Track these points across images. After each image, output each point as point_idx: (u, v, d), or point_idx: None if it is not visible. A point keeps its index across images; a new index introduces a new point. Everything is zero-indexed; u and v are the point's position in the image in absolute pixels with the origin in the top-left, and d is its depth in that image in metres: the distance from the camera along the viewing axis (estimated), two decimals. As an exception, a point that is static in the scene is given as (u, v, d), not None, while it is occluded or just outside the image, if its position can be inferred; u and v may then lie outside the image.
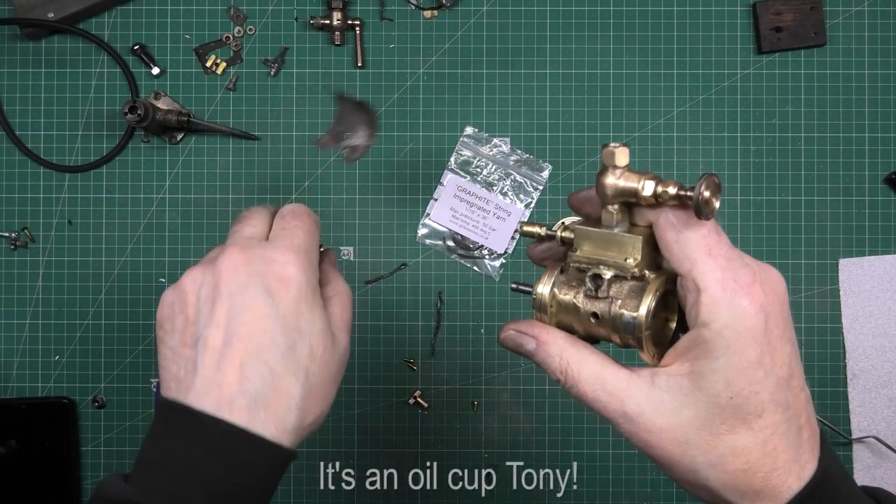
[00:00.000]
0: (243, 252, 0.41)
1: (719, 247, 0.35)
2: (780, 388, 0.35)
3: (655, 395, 0.36)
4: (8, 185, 0.85)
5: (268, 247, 0.42)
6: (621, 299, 0.37)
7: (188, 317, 0.41)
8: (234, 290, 0.40)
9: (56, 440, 0.84)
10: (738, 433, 0.35)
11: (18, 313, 0.85)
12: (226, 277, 0.40)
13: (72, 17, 0.83)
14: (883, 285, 0.85)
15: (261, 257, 0.41)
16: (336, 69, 0.85)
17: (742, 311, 0.34)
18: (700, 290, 0.35)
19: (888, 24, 0.85)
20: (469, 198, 0.85)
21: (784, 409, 0.35)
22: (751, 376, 0.34)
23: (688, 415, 0.35)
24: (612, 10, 0.85)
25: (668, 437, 0.36)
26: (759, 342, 0.34)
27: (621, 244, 0.37)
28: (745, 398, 0.34)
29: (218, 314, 0.40)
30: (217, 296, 0.40)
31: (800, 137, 0.85)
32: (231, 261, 0.41)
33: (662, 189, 0.35)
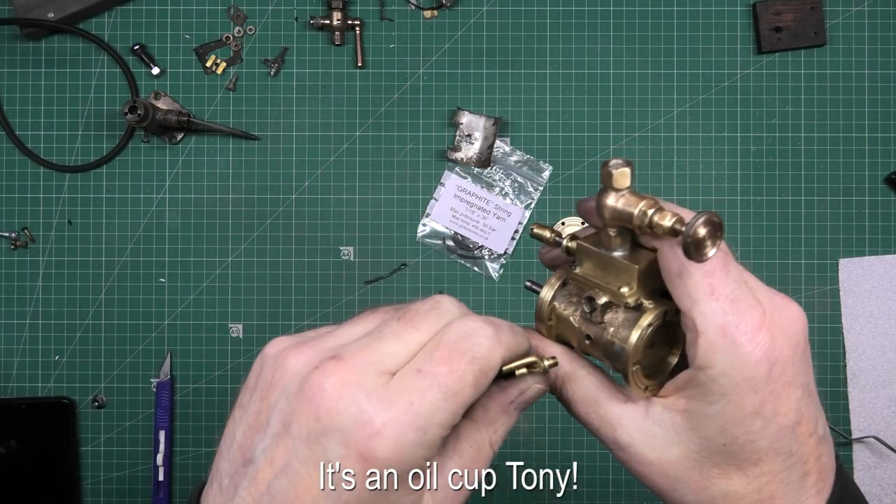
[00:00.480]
0: (349, 385, 0.28)
1: (725, 285, 0.32)
2: (782, 436, 0.32)
3: (647, 427, 0.34)
4: (8, 185, 0.85)
5: (376, 395, 0.28)
6: (614, 327, 0.34)
7: (259, 411, 0.31)
8: (306, 433, 0.28)
9: (56, 440, 0.84)
10: (731, 478, 0.33)
11: (18, 313, 0.85)
12: (307, 407, 0.29)
13: (72, 17, 0.83)
14: (883, 285, 0.85)
15: (356, 408, 0.28)
16: (336, 69, 0.85)
17: (741, 359, 0.31)
18: (698, 332, 0.32)
19: (888, 24, 0.85)
20: (469, 198, 0.85)
21: (785, 458, 0.33)
22: (747, 426, 0.32)
23: (679, 453, 0.34)
24: (612, 10, 0.85)
25: (658, 471, 0.34)
26: (759, 392, 0.32)
27: (618, 270, 0.34)
28: (739, 446, 0.32)
29: (279, 449, 0.29)
30: (291, 421, 0.29)
31: (800, 137, 0.85)
32: (328, 387, 0.28)
33: (658, 220, 0.32)
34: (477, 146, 0.84)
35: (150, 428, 0.85)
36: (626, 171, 0.33)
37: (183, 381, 0.85)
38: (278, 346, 0.31)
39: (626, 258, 0.34)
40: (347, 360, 0.29)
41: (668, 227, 0.31)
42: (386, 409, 0.28)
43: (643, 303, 0.34)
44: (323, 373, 0.29)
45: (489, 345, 0.30)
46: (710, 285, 0.32)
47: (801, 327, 0.33)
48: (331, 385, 0.28)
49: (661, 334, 0.35)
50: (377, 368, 0.29)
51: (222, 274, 0.85)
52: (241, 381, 0.33)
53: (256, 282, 0.85)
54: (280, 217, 0.85)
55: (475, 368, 0.29)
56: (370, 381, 0.29)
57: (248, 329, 0.85)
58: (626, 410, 0.35)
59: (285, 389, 0.30)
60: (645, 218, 0.32)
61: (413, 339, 0.30)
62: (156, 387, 0.85)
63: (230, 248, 0.85)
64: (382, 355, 0.30)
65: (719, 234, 0.31)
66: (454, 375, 0.29)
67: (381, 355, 0.30)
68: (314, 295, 0.85)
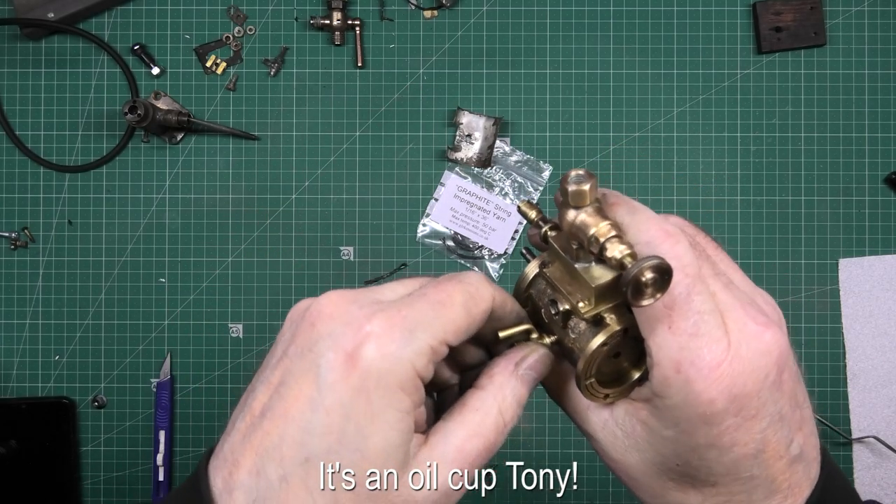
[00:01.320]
0: (345, 300, 0.30)
1: (685, 318, 0.30)
2: (742, 463, 0.31)
3: (610, 429, 0.34)
4: (8, 185, 0.85)
5: (368, 307, 0.30)
6: (576, 335, 0.33)
7: (272, 354, 0.32)
8: (302, 346, 0.30)
9: (56, 440, 0.84)
10: (686, 493, 0.33)
11: (18, 313, 0.85)
12: (305, 326, 0.30)
13: (72, 17, 0.83)
14: (883, 285, 0.85)
15: (348, 316, 0.29)
16: (336, 69, 0.85)
17: (695, 397, 0.30)
18: (654, 362, 0.31)
19: (888, 24, 0.85)
20: (469, 198, 0.85)
21: (745, 482, 0.32)
22: (701, 455, 0.31)
23: (637, 458, 0.33)
24: (612, 10, 0.85)
25: (619, 468, 0.34)
26: (714, 427, 0.30)
27: (579, 282, 0.32)
28: (694, 468, 0.31)
29: (277, 371, 0.30)
30: (291, 343, 0.30)
31: (800, 137, 0.85)
32: (325, 306, 0.30)
33: (608, 252, 0.30)
34: (477, 146, 0.84)
35: (150, 428, 0.85)
36: (584, 190, 0.30)
37: (183, 381, 0.85)
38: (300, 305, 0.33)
39: (588, 271, 0.32)
40: (347, 290, 0.31)
41: (618, 259, 0.30)
42: (375, 315, 0.29)
43: (604, 317, 0.32)
44: (325, 296, 0.31)
45: (477, 279, 0.31)
46: (669, 318, 0.30)
47: (775, 357, 0.31)
48: (329, 302, 0.30)
49: (628, 346, 0.34)
50: (374, 295, 0.31)
51: (222, 274, 0.85)
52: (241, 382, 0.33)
53: (256, 282, 0.85)
54: (280, 217, 0.85)
55: (464, 289, 0.30)
56: (366, 299, 0.30)
57: (248, 329, 0.85)
58: (592, 407, 0.35)
59: (292, 321, 0.31)
60: (596, 245, 0.30)
61: (411, 281, 0.32)
62: (156, 387, 0.85)
63: (230, 248, 0.85)
64: (381, 291, 0.32)
65: (666, 284, 0.29)
66: (443, 293, 0.30)
67: (378, 291, 0.31)
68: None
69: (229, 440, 0.31)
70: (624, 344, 0.33)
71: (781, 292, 0.85)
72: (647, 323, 0.31)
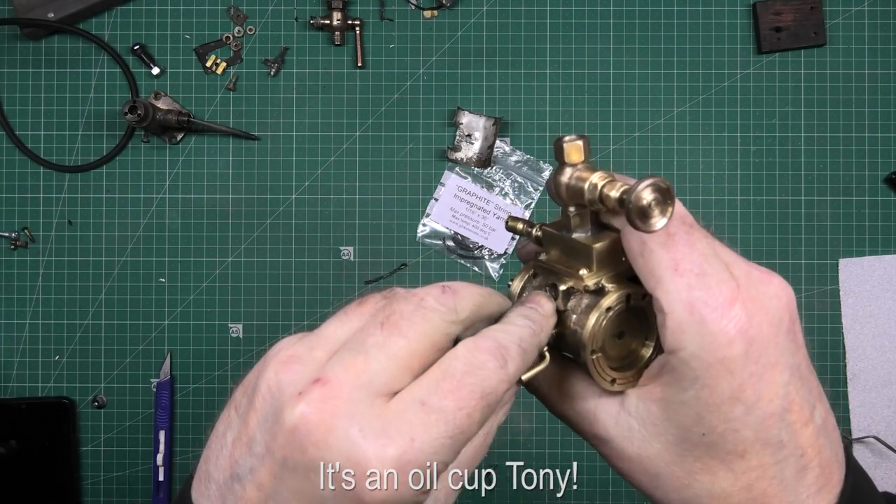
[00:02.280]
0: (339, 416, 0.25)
1: (689, 260, 0.29)
2: (769, 425, 0.29)
3: (624, 421, 0.32)
4: (8, 185, 0.85)
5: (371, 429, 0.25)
6: (576, 314, 0.32)
7: (248, 423, 0.28)
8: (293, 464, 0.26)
9: (56, 440, 0.84)
10: (715, 474, 0.30)
11: (18, 313, 0.85)
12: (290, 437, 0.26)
13: (72, 17, 0.83)
14: (883, 285, 0.85)
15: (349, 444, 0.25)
16: (336, 69, 0.85)
17: (712, 338, 0.28)
18: (665, 312, 0.29)
19: (888, 24, 0.85)
20: (469, 198, 0.85)
21: (775, 450, 0.30)
22: (726, 413, 0.29)
23: (658, 447, 0.31)
24: (612, 10, 0.85)
25: (638, 467, 0.32)
26: (736, 374, 0.29)
27: (578, 252, 0.32)
28: (720, 435, 0.29)
29: (264, 471, 0.27)
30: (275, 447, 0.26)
31: (800, 137, 0.85)
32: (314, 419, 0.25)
33: (606, 192, 0.29)
34: (477, 146, 0.84)
35: (150, 428, 0.85)
36: (579, 144, 0.31)
37: (183, 381, 0.85)
38: (278, 349, 0.29)
39: (586, 240, 0.32)
40: (333, 385, 0.26)
41: (616, 197, 0.29)
42: (383, 447, 0.25)
43: (605, 286, 0.32)
44: (308, 402, 0.26)
45: (498, 378, 0.27)
46: (673, 260, 0.29)
47: (785, 303, 0.30)
48: (317, 416, 0.25)
49: (632, 323, 0.33)
50: (367, 392, 0.26)
51: (222, 274, 0.85)
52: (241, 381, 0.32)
53: (256, 282, 0.85)
54: (280, 217, 0.85)
55: (484, 405, 0.27)
56: (363, 411, 0.25)
57: (248, 329, 0.85)
58: (602, 404, 0.33)
59: (270, 408, 0.27)
60: (595, 191, 0.30)
61: (401, 349, 0.27)
62: (156, 387, 0.85)
63: (230, 248, 0.85)
64: (371, 375, 0.26)
65: (668, 200, 0.28)
66: (463, 412, 0.26)
67: (369, 375, 0.26)
68: (314, 295, 0.85)
69: None
70: (627, 321, 0.33)
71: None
72: (652, 273, 0.30)
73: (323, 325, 0.29)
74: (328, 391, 0.26)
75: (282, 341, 0.29)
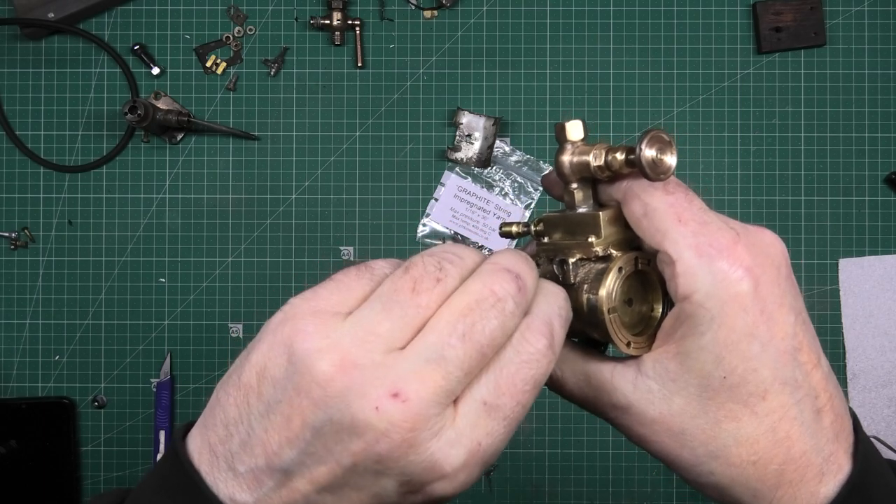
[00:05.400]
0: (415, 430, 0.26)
1: (690, 211, 0.31)
2: (784, 363, 0.30)
3: (642, 384, 0.32)
4: (8, 185, 0.85)
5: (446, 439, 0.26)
6: (588, 283, 0.33)
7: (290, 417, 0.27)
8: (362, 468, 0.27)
9: (56, 440, 0.84)
10: (740, 420, 0.31)
11: (18, 313, 0.85)
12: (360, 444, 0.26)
13: (72, 17, 0.83)
14: (883, 285, 0.85)
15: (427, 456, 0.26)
16: (336, 69, 0.86)
17: (723, 276, 0.30)
18: (674, 260, 0.31)
19: (888, 24, 0.85)
20: (469, 198, 0.85)
21: (793, 390, 0.31)
22: (744, 351, 0.30)
23: (680, 402, 0.31)
24: (612, 10, 0.85)
25: (662, 428, 0.32)
26: (749, 310, 0.30)
27: (583, 224, 0.34)
28: (740, 377, 0.30)
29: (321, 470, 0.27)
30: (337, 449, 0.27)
31: (800, 137, 0.85)
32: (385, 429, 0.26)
33: (611, 156, 0.32)
34: (477, 146, 0.84)
35: (150, 428, 0.85)
36: (579, 123, 0.33)
37: (183, 381, 0.85)
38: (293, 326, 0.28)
39: (591, 209, 0.34)
40: (413, 402, 0.26)
41: (623, 158, 0.31)
42: (457, 456, 0.26)
43: (612, 253, 0.33)
44: (389, 421, 0.26)
45: (548, 361, 0.29)
46: (676, 213, 0.31)
47: (781, 250, 0.32)
48: (399, 435, 0.26)
49: (638, 291, 0.34)
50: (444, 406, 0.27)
51: (222, 274, 0.85)
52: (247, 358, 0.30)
53: (256, 282, 0.85)
54: (280, 217, 0.85)
55: (536, 392, 0.28)
56: (439, 424, 0.26)
57: (248, 329, 0.85)
58: (618, 372, 0.33)
59: (331, 418, 0.26)
60: (600, 158, 0.32)
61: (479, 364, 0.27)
62: (156, 387, 0.85)
63: (230, 248, 0.85)
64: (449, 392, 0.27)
65: (671, 148, 0.31)
66: (519, 406, 0.28)
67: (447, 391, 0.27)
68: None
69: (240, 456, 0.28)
70: (634, 288, 0.34)
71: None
72: (658, 229, 0.31)
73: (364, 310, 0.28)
74: (408, 408, 0.26)
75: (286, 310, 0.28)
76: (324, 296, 0.29)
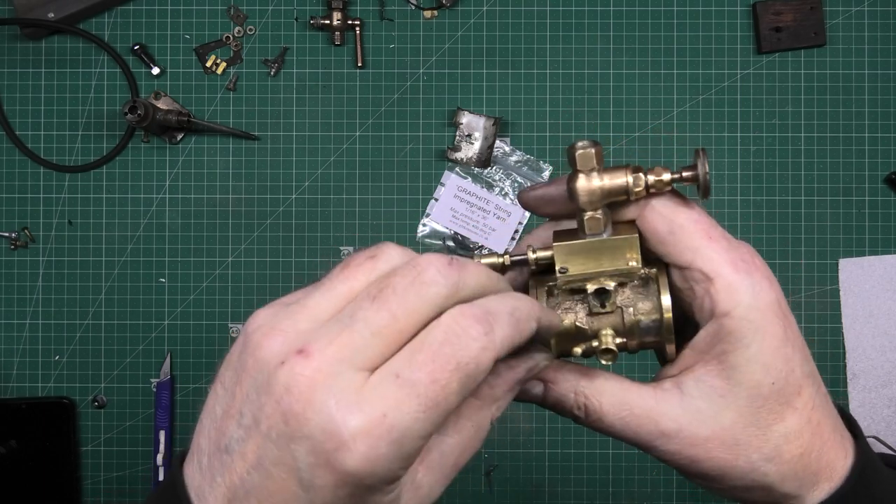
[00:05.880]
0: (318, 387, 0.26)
1: (715, 228, 0.33)
2: (805, 358, 0.33)
3: (690, 405, 0.33)
4: (8, 185, 0.85)
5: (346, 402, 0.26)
6: (632, 306, 0.34)
7: (235, 395, 0.28)
8: (275, 434, 0.27)
9: (56, 440, 0.84)
10: (785, 419, 0.33)
11: (18, 313, 0.85)
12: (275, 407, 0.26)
13: (72, 17, 0.83)
14: (883, 285, 0.85)
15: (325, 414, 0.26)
16: (336, 69, 0.86)
17: (760, 287, 0.32)
18: (711, 278, 0.32)
19: (888, 24, 0.85)
20: (469, 198, 0.85)
21: (813, 380, 0.34)
22: (785, 354, 0.32)
23: (731, 416, 0.33)
24: (612, 10, 0.85)
25: (716, 444, 0.33)
26: (780, 317, 0.32)
27: (615, 248, 0.33)
28: (784, 379, 0.32)
29: (250, 443, 0.27)
30: (260, 417, 0.27)
31: (800, 137, 0.85)
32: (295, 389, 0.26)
33: (655, 178, 0.33)
34: (477, 146, 0.84)
35: (150, 428, 0.85)
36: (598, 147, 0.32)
37: (183, 381, 0.85)
38: (256, 321, 0.29)
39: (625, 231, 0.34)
40: (316, 357, 0.26)
41: (669, 179, 0.33)
42: (356, 420, 0.25)
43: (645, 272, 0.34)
44: (291, 371, 0.26)
45: (479, 347, 0.27)
46: (704, 230, 0.33)
47: None
48: (299, 386, 0.26)
49: None
50: (349, 366, 0.26)
51: (222, 274, 0.85)
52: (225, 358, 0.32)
53: (256, 282, 0.85)
54: (280, 217, 0.85)
55: (461, 375, 0.26)
56: (341, 384, 0.26)
57: (248, 329, 0.85)
58: (661, 398, 0.34)
59: (255, 381, 0.27)
60: (641, 181, 0.32)
61: (388, 325, 0.27)
62: (156, 387, 0.85)
63: (230, 248, 0.85)
64: (354, 350, 0.27)
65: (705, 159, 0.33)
66: (436, 385, 0.26)
67: (352, 350, 0.27)
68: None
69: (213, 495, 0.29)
70: None
71: (781, 292, 0.85)
72: (688, 247, 0.33)
73: (307, 294, 0.29)
74: (310, 363, 0.26)
75: (259, 313, 0.29)
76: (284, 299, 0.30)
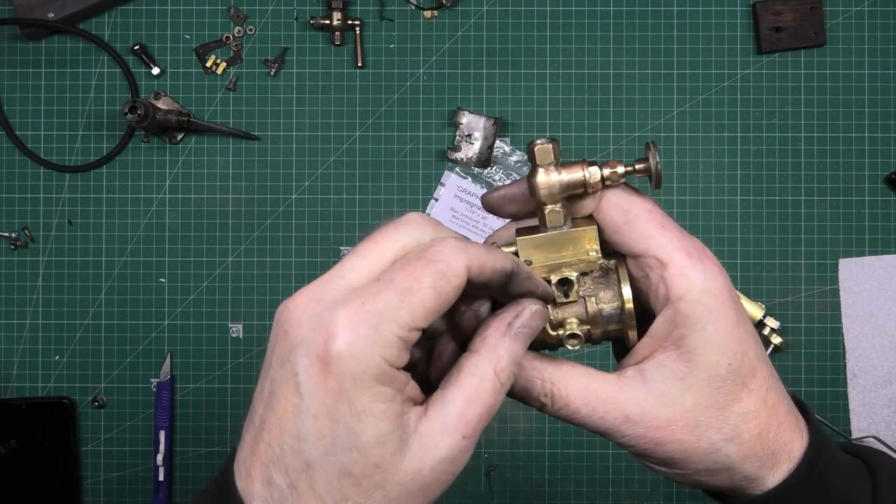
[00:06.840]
0: (312, 299, 0.30)
1: (668, 219, 0.35)
2: (756, 341, 0.35)
3: (653, 389, 0.34)
4: (8, 185, 0.85)
5: (333, 304, 0.29)
6: (594, 296, 0.36)
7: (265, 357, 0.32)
8: (280, 356, 0.30)
9: (56, 440, 0.84)
10: (742, 399, 0.34)
11: (18, 313, 0.85)
12: (281, 334, 0.30)
13: (72, 17, 0.83)
14: (883, 285, 0.85)
15: (316, 318, 0.29)
16: (336, 69, 0.86)
17: (711, 273, 0.34)
18: (665, 263, 0.34)
19: (888, 24, 0.85)
20: (469, 198, 0.85)
21: (766, 364, 0.35)
22: (738, 335, 0.34)
23: (691, 398, 0.34)
24: (612, 10, 0.85)
25: (679, 426, 0.34)
26: (731, 301, 0.34)
27: (575, 240, 0.35)
28: (739, 360, 0.34)
29: (266, 382, 0.31)
30: (272, 353, 0.31)
31: (800, 137, 0.85)
32: (294, 311, 0.30)
33: (610, 171, 0.34)
34: (477, 146, 0.84)
35: (150, 428, 0.85)
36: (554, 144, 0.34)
37: (183, 381, 0.85)
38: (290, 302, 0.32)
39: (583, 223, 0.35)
40: (312, 283, 0.31)
41: (623, 172, 0.34)
42: (339, 310, 0.29)
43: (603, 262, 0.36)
44: (295, 298, 0.31)
45: (449, 251, 0.30)
46: (657, 220, 0.34)
47: None
48: (296, 307, 0.30)
49: None
50: (339, 283, 0.30)
51: (222, 274, 0.85)
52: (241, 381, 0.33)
53: (256, 282, 0.85)
54: (280, 217, 0.85)
55: (432, 269, 0.30)
56: (332, 294, 0.30)
57: (248, 329, 0.85)
58: (625, 384, 0.35)
59: (277, 326, 0.31)
60: (597, 174, 0.34)
61: (372, 252, 0.31)
62: (156, 387, 0.85)
63: (230, 248, 0.85)
64: (344, 271, 0.31)
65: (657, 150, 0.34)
66: (409, 277, 0.29)
67: (342, 271, 0.31)
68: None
69: (241, 452, 0.32)
70: None
71: (781, 292, 0.85)
72: (642, 235, 0.34)
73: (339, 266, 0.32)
74: (307, 286, 0.31)
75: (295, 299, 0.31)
76: None
